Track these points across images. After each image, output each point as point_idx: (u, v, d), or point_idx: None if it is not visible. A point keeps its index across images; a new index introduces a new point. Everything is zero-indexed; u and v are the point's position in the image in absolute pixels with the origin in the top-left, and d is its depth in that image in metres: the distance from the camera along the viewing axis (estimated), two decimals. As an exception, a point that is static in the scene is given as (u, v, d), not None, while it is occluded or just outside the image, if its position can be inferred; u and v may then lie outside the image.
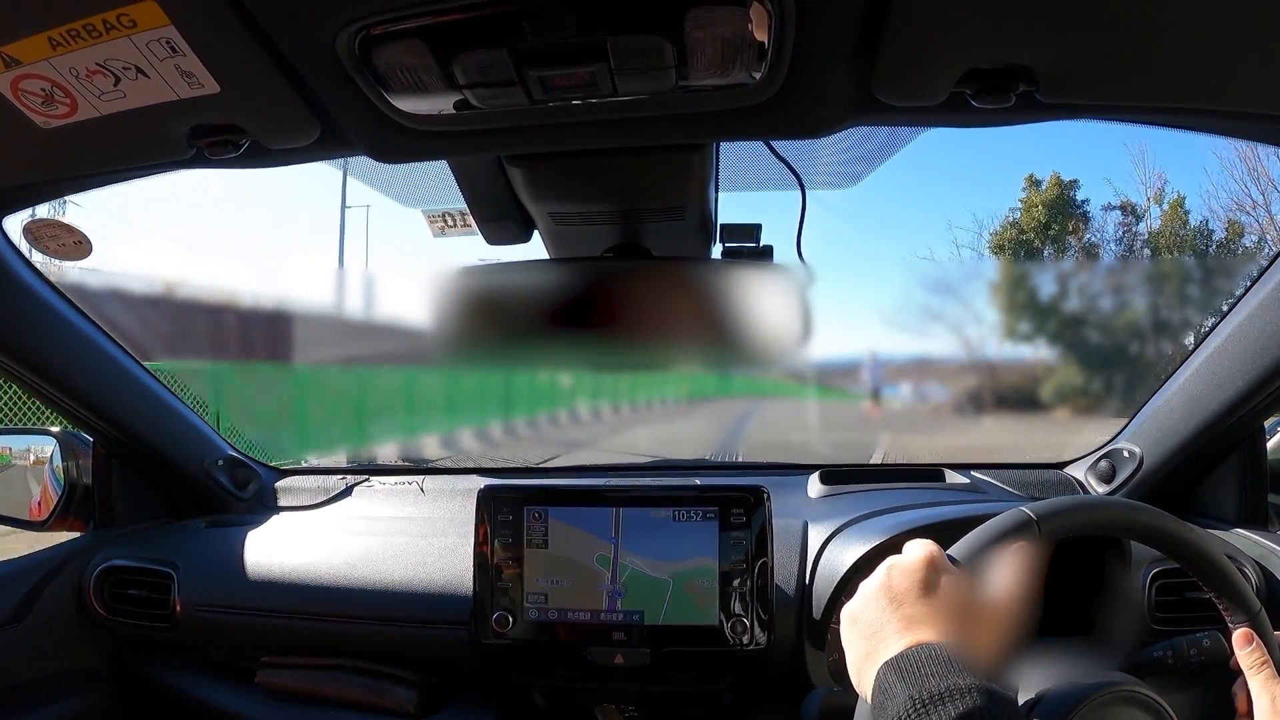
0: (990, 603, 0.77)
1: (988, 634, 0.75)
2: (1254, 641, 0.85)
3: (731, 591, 1.25)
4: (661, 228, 1.02)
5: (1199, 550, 0.90)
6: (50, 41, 0.65)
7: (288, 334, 9.44)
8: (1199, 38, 0.65)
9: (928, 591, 0.75)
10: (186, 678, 1.49)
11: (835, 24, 0.64)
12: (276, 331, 9.09)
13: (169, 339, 8.73)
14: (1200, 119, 0.79)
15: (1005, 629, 0.76)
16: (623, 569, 1.27)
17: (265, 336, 9.39)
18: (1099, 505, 0.96)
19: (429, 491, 1.71)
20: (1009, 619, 0.77)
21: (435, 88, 0.68)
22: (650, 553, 1.27)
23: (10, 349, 1.25)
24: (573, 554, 1.29)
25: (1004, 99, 0.70)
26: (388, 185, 1.13)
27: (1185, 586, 1.26)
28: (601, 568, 1.28)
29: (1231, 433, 1.36)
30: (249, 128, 0.78)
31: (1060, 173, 18.63)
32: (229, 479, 1.68)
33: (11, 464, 1.58)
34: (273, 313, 9.32)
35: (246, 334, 9.48)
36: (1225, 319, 1.28)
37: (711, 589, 1.26)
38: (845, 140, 1.03)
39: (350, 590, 1.39)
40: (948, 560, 0.80)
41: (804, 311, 0.91)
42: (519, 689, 1.38)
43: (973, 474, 1.65)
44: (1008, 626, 0.76)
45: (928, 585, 0.76)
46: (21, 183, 0.95)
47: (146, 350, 1.60)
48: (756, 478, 1.53)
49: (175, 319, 8.82)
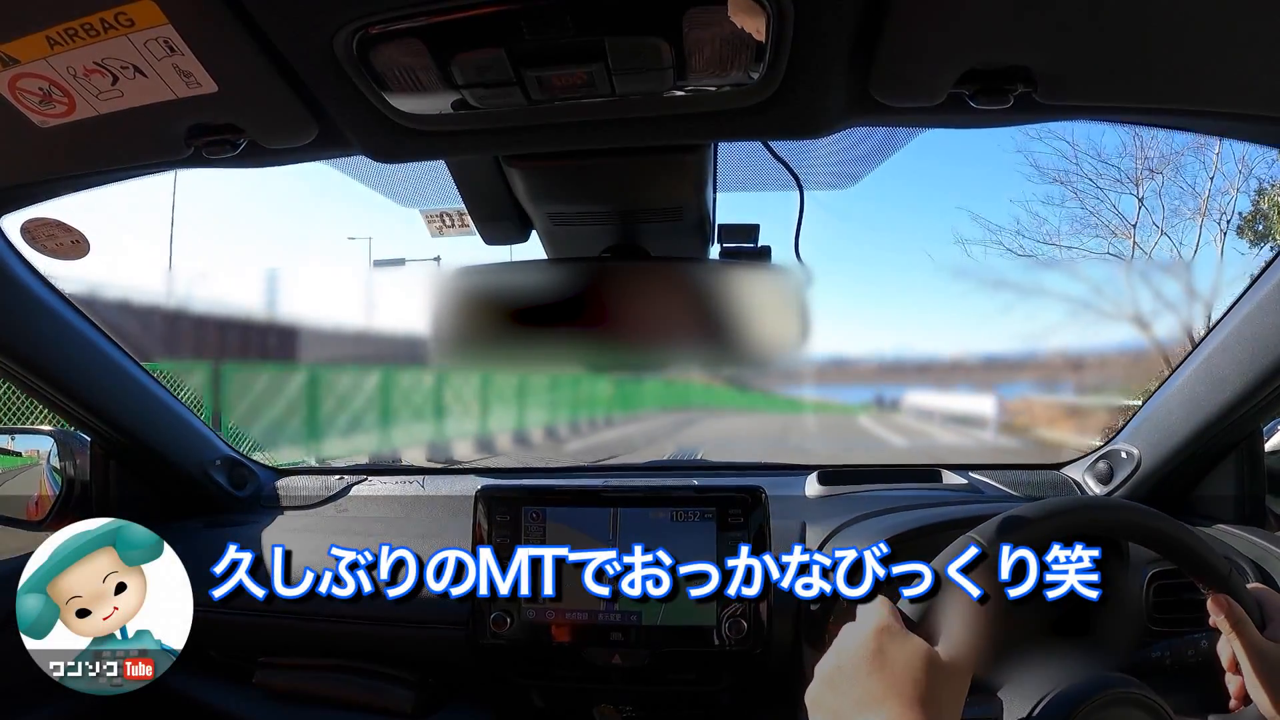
0: (948, 663, 0.75)
1: (949, 696, 0.73)
2: (1229, 603, 0.86)
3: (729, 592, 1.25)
4: (659, 228, 1.02)
5: (1157, 528, 0.90)
6: (48, 40, 0.65)
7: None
8: (1197, 39, 0.65)
9: (880, 665, 0.73)
10: (184, 678, 1.49)
11: (833, 24, 0.64)
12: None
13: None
14: (1198, 120, 0.79)
15: (965, 682, 0.75)
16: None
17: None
18: (1063, 510, 0.96)
19: (427, 492, 1.71)
20: (968, 672, 0.76)
21: (433, 87, 0.68)
22: (647, 554, 1.27)
23: (7, 348, 1.25)
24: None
25: (1002, 100, 0.70)
26: (386, 185, 1.13)
27: (1183, 588, 1.26)
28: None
29: (1229, 434, 1.36)
30: (246, 127, 0.78)
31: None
32: (227, 479, 1.68)
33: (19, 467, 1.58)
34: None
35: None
36: (1224, 320, 1.28)
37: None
38: (843, 140, 1.03)
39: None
40: (902, 623, 0.77)
41: (802, 312, 0.91)
42: (517, 689, 1.38)
43: (970, 475, 1.65)
44: (966, 679, 0.75)
45: (880, 658, 0.74)
46: (19, 182, 0.95)
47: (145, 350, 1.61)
48: (754, 478, 1.52)
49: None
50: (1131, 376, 11.13)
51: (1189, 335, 9.50)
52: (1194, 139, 12.08)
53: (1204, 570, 0.89)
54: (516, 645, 1.29)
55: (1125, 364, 11.38)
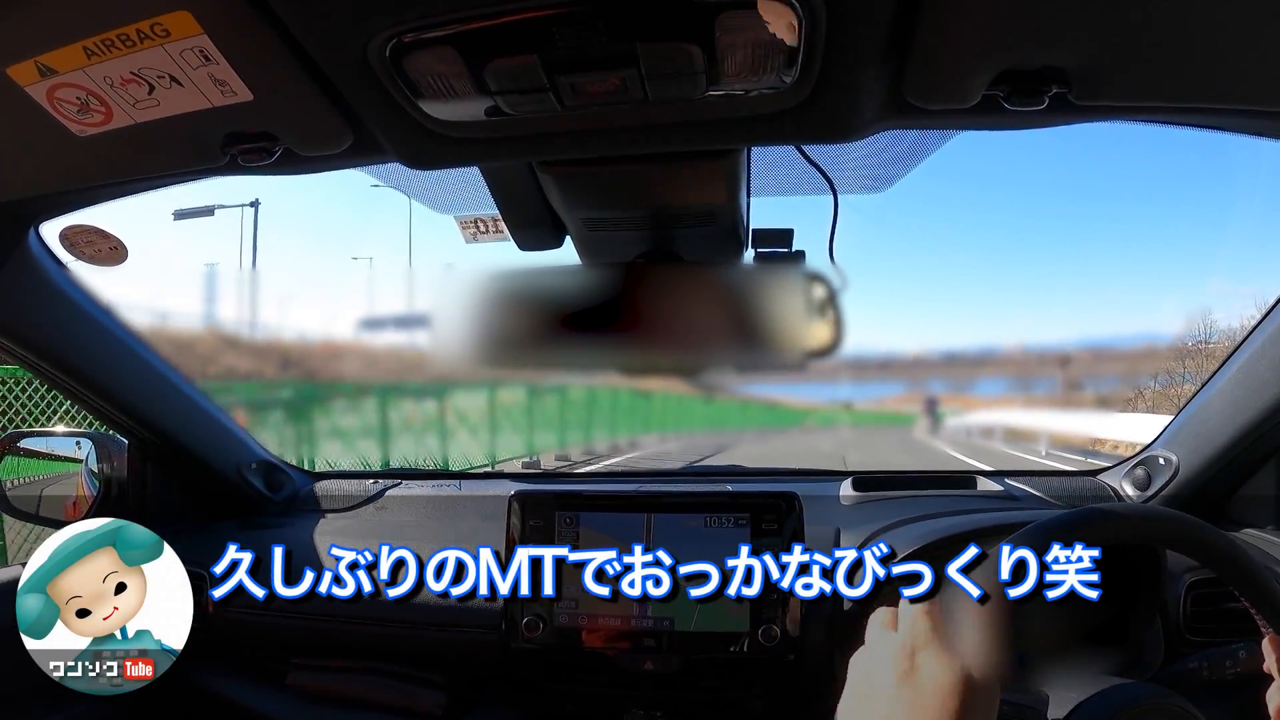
0: (982, 684, 0.73)
1: (982, 711, 0.72)
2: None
3: (763, 598, 1.24)
4: (693, 233, 1.01)
5: (1228, 554, 0.87)
6: (85, 51, 0.66)
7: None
8: (1237, 35, 0.64)
9: (912, 684, 0.72)
10: (217, 678, 1.51)
11: (866, 27, 0.63)
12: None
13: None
14: (1238, 119, 0.78)
15: (996, 703, 0.73)
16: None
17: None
18: (1129, 514, 0.93)
19: (459, 496, 1.71)
20: (998, 693, 0.74)
21: (467, 95, 0.68)
22: (681, 559, 1.26)
23: (48, 354, 1.27)
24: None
25: (1037, 101, 0.69)
26: (420, 191, 1.13)
27: (1221, 597, 1.24)
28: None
29: (1270, 438, 1.33)
30: (282, 135, 0.78)
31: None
32: (262, 482, 1.69)
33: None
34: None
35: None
36: (1263, 323, 1.25)
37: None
38: (876, 144, 1.02)
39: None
40: (930, 633, 0.75)
41: (837, 316, 0.90)
42: (547, 694, 1.38)
43: (1006, 481, 1.63)
44: (997, 700, 0.73)
45: (912, 676, 0.72)
46: (58, 190, 0.96)
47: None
48: (788, 484, 1.51)
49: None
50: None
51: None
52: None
53: (1266, 604, 0.86)
54: (548, 650, 1.29)
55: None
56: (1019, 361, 13.96)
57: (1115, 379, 13.84)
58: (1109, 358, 16.83)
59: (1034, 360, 12.53)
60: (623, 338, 0.92)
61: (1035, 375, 16.41)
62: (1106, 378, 13.67)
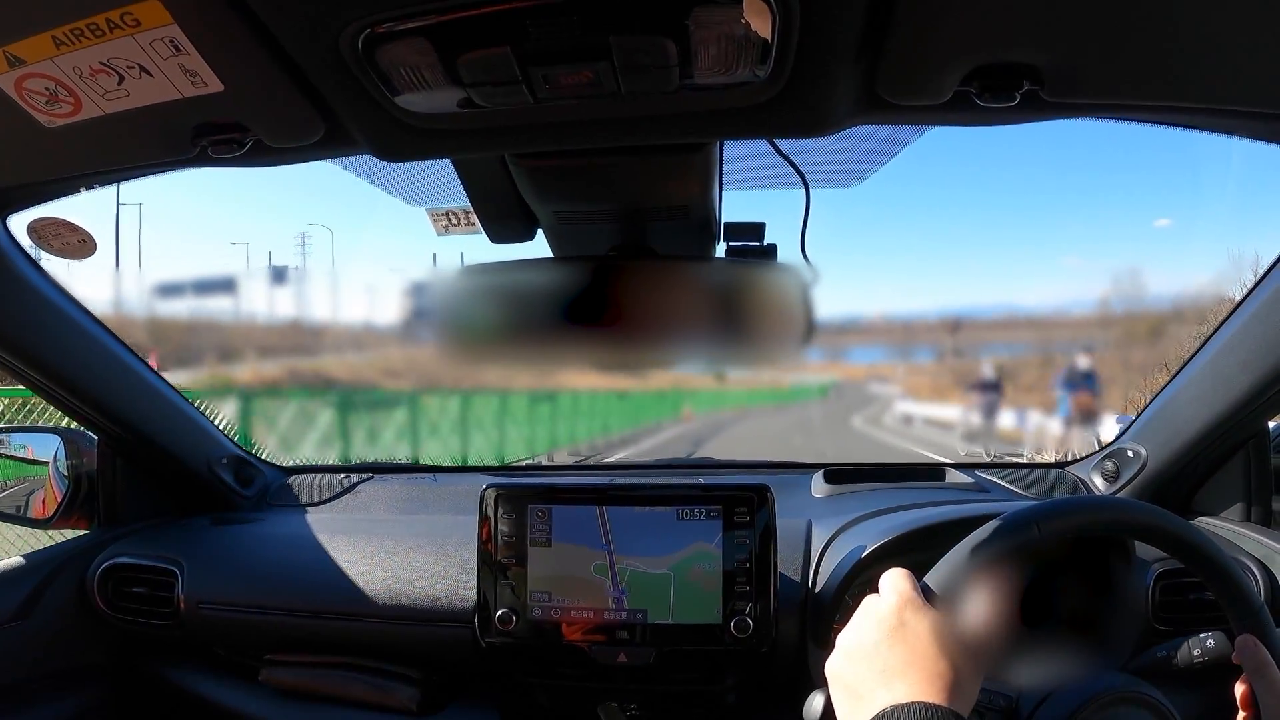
0: (970, 635, 0.75)
1: (969, 671, 0.73)
2: (1256, 646, 0.85)
3: (735, 590, 1.25)
4: (665, 226, 1.02)
5: (1199, 547, 0.89)
6: (54, 40, 0.65)
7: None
8: (1207, 34, 0.65)
9: (902, 638, 0.74)
10: (190, 675, 1.50)
11: (839, 22, 0.63)
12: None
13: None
14: (1209, 118, 0.79)
15: (989, 656, 0.75)
16: (623, 570, 1.27)
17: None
18: (1100, 505, 0.95)
19: (433, 490, 1.71)
20: (991, 645, 0.76)
21: (439, 86, 0.68)
22: (650, 551, 1.27)
23: (15, 347, 1.26)
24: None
25: (1009, 98, 0.70)
26: (392, 184, 1.13)
27: (1189, 587, 1.26)
28: (601, 574, 1.28)
29: (1236, 432, 1.36)
30: (253, 126, 0.77)
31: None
32: (233, 477, 1.68)
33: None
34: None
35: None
36: (1230, 318, 1.27)
37: (715, 574, 1.26)
38: (849, 138, 1.03)
39: (354, 587, 1.40)
40: (922, 596, 0.78)
41: (807, 309, 0.91)
42: (522, 687, 1.38)
43: (976, 473, 1.65)
44: (991, 652, 0.76)
45: (901, 630, 0.75)
46: (25, 182, 0.95)
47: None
48: (760, 477, 1.53)
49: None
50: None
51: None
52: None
53: (1235, 597, 0.88)
54: (522, 643, 1.29)
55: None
56: (903, 329, 14.54)
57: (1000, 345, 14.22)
58: (974, 326, 17.31)
59: (922, 327, 12.99)
60: (594, 331, 0.93)
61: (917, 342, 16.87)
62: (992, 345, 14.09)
